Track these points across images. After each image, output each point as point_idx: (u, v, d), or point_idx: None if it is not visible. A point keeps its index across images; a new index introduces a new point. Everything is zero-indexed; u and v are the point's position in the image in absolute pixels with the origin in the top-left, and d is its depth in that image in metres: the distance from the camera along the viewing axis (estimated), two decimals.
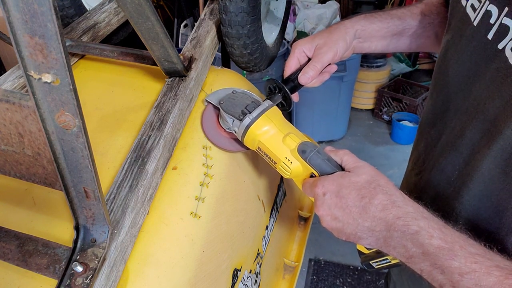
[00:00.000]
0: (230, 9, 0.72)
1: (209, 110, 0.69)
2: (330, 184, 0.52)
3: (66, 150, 0.39)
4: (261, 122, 0.60)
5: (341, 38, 0.71)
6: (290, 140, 0.58)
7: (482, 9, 0.51)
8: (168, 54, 0.65)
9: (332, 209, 0.51)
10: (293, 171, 0.58)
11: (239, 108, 0.62)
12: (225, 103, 0.64)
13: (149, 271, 0.51)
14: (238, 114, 0.62)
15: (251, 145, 0.62)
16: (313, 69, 0.69)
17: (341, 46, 0.70)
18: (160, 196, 0.58)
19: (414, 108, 2.83)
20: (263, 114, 0.60)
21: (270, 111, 0.62)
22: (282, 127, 0.60)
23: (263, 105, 0.62)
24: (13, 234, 0.49)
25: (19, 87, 0.70)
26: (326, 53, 0.69)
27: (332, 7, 2.65)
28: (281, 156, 0.58)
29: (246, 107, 0.62)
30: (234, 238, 0.67)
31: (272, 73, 2.64)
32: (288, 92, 0.69)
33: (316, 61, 0.69)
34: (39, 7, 0.30)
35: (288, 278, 0.96)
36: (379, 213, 0.48)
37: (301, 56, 0.72)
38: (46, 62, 0.33)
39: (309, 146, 0.57)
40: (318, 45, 0.71)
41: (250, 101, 0.64)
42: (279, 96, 0.69)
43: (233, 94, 0.66)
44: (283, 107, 0.71)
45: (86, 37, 0.85)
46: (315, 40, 0.71)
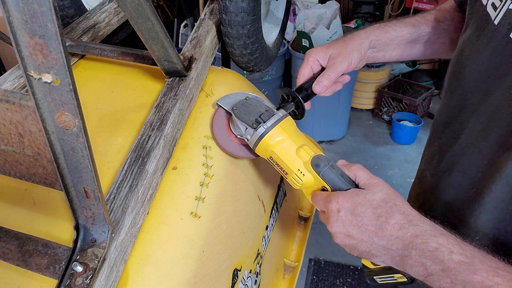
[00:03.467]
0: (230, 9, 0.72)
1: (219, 114, 0.69)
2: (345, 201, 0.51)
3: (66, 150, 0.39)
4: (275, 132, 0.59)
5: (356, 49, 0.71)
6: (304, 152, 0.58)
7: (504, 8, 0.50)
8: (168, 54, 0.65)
9: (347, 227, 0.50)
10: (305, 183, 0.58)
11: (252, 116, 0.61)
12: (238, 110, 0.63)
13: (149, 271, 0.51)
14: (252, 122, 0.61)
15: (263, 154, 0.61)
16: (328, 78, 0.69)
17: (355, 56, 0.70)
18: (160, 196, 0.58)
19: (414, 108, 2.83)
20: (277, 124, 0.59)
21: (285, 121, 0.61)
22: (296, 138, 0.60)
23: (277, 114, 0.61)
24: (13, 234, 0.49)
25: (19, 87, 0.70)
26: (340, 63, 0.69)
27: (332, 7, 2.65)
28: (294, 167, 0.58)
29: (260, 116, 0.61)
30: (234, 238, 0.67)
31: (272, 73, 2.64)
32: (301, 101, 0.68)
33: (331, 71, 0.69)
34: (39, 7, 0.30)
35: (288, 278, 0.96)
36: (396, 232, 0.48)
37: (315, 64, 0.72)
38: (46, 62, 0.33)
39: (323, 160, 0.56)
40: (332, 55, 0.70)
41: (264, 109, 0.62)
42: (292, 104, 0.69)
43: (247, 101, 0.65)
44: (295, 115, 0.71)
45: (86, 37, 0.85)
46: (330, 49, 0.71)
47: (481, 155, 0.56)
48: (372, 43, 0.73)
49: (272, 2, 1.01)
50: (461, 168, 0.61)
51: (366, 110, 3.20)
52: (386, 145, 2.81)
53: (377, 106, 3.09)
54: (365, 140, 2.88)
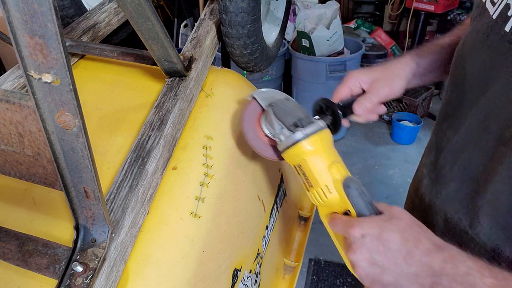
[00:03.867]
0: (230, 9, 0.72)
1: (252, 107, 0.65)
2: (370, 226, 0.49)
3: (66, 150, 0.39)
4: (313, 141, 0.56)
5: (398, 75, 0.71)
6: (336, 170, 0.55)
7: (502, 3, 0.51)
8: (168, 54, 0.65)
9: (372, 253, 0.47)
10: (328, 201, 0.55)
11: (291, 118, 0.58)
12: (276, 108, 0.60)
13: (149, 271, 0.51)
14: (290, 124, 0.57)
15: (291, 159, 0.58)
16: (370, 102, 0.68)
17: (397, 82, 0.70)
18: (160, 196, 0.58)
19: (414, 108, 2.83)
20: (316, 133, 0.56)
21: (324, 132, 0.58)
22: (330, 153, 0.57)
23: (317, 124, 0.58)
24: (13, 234, 0.49)
25: (19, 87, 0.70)
26: (383, 88, 0.69)
27: (332, 7, 2.65)
28: (322, 182, 0.55)
29: (299, 120, 0.58)
30: (234, 238, 0.67)
31: (272, 73, 2.64)
32: (340, 116, 0.66)
33: (374, 95, 0.69)
34: (39, 7, 0.30)
35: (288, 278, 0.96)
36: (425, 258, 0.45)
37: (355, 86, 0.71)
38: (46, 62, 0.33)
39: (355, 183, 0.54)
40: (375, 79, 0.70)
41: (304, 115, 0.60)
42: (329, 117, 0.66)
43: (286, 101, 0.63)
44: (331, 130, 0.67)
45: (86, 37, 0.85)
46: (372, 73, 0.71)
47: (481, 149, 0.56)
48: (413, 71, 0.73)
49: (272, 2, 1.01)
50: (462, 163, 0.61)
51: None
52: (386, 145, 2.81)
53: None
54: (365, 140, 2.88)
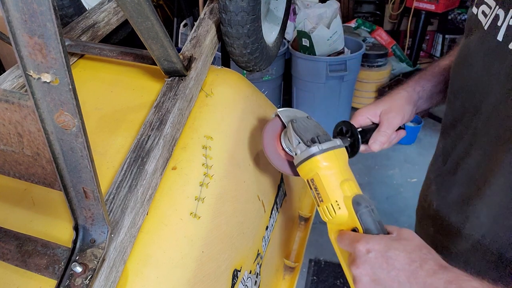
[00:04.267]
0: (230, 8, 0.72)
1: (275, 123, 0.68)
2: (377, 243, 0.49)
3: (65, 150, 0.39)
4: (328, 156, 0.58)
5: (406, 103, 0.72)
6: (348, 187, 0.56)
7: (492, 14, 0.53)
8: (168, 53, 0.65)
9: (375, 270, 0.47)
10: (337, 217, 0.56)
11: (309, 134, 0.61)
12: (297, 124, 0.63)
13: (148, 272, 0.51)
14: (307, 139, 0.60)
15: (305, 174, 0.60)
16: (384, 135, 0.70)
17: (407, 109, 0.72)
18: (160, 196, 0.58)
19: None
20: (332, 150, 0.59)
21: (339, 150, 0.60)
22: (344, 171, 0.59)
23: (334, 141, 0.60)
24: (13, 234, 0.49)
25: (18, 86, 0.69)
26: (394, 118, 0.70)
27: (333, 7, 2.65)
28: (332, 198, 0.56)
29: (317, 136, 0.60)
30: (234, 239, 0.67)
31: (272, 73, 2.64)
32: (359, 142, 0.68)
33: (386, 127, 0.70)
34: (38, 7, 0.30)
35: (288, 278, 0.96)
36: (430, 279, 0.45)
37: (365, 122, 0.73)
38: (45, 62, 0.33)
39: (365, 201, 0.55)
40: (383, 111, 0.72)
41: (322, 133, 0.63)
42: (348, 140, 0.69)
43: (307, 120, 0.65)
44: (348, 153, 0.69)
45: (85, 36, 0.85)
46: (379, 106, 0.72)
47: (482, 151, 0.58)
48: (420, 94, 0.74)
49: (272, 2, 1.01)
50: (465, 167, 0.62)
51: None
52: None
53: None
54: None
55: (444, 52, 3.48)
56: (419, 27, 3.11)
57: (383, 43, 3.18)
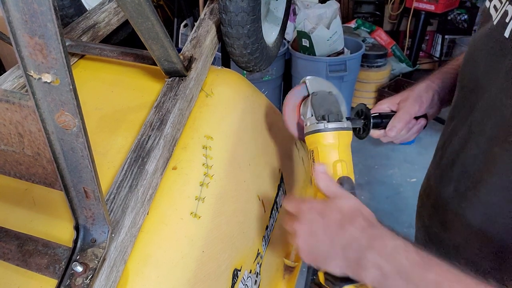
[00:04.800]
0: (230, 9, 0.72)
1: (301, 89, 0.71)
2: (317, 205, 0.54)
3: (66, 150, 0.39)
4: (330, 136, 0.62)
5: (423, 91, 0.73)
6: (339, 167, 0.61)
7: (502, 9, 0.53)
8: (168, 54, 0.65)
9: (313, 225, 0.52)
10: None
11: (323, 110, 0.64)
12: (316, 97, 0.66)
13: (149, 271, 0.51)
14: (318, 114, 0.64)
15: (309, 143, 0.65)
16: (400, 121, 0.71)
17: (425, 97, 0.72)
18: (160, 196, 0.58)
19: None
20: (336, 131, 0.62)
21: (344, 132, 0.63)
22: (343, 152, 0.63)
23: (342, 123, 0.63)
24: (13, 234, 0.49)
25: (19, 87, 0.70)
26: (412, 105, 0.71)
27: (332, 7, 2.65)
28: None
29: (328, 114, 0.63)
30: (234, 238, 0.67)
31: (272, 73, 2.64)
32: (370, 125, 0.71)
33: (403, 113, 0.71)
34: (39, 7, 0.30)
35: (288, 278, 0.96)
36: (357, 233, 0.49)
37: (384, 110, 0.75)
38: (46, 62, 0.33)
39: (348, 184, 0.60)
40: (402, 99, 0.73)
41: (336, 111, 0.65)
42: (361, 122, 0.72)
43: (328, 95, 0.67)
44: (358, 133, 0.74)
45: (86, 37, 0.85)
46: (397, 96, 0.74)
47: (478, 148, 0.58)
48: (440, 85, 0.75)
49: (272, 2, 1.01)
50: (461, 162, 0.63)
51: None
52: (386, 145, 2.80)
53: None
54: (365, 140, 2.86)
55: (443, 52, 3.48)
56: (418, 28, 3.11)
57: (382, 43, 3.18)
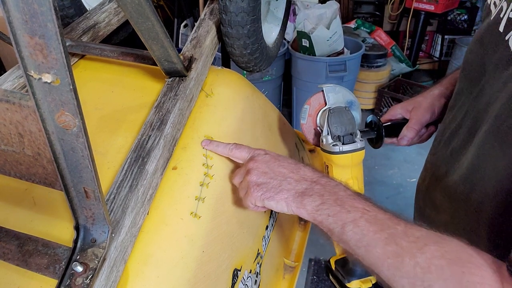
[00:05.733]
0: (230, 9, 0.72)
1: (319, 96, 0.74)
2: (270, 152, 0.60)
3: (66, 150, 0.39)
4: (344, 158, 0.66)
5: (437, 99, 0.75)
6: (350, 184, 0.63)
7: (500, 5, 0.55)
8: (168, 54, 0.65)
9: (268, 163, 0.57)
10: None
11: (339, 130, 0.68)
12: (333, 115, 0.68)
13: (149, 271, 0.51)
14: (335, 135, 0.67)
15: (324, 157, 0.69)
16: (412, 131, 0.73)
17: (437, 106, 0.75)
18: (160, 196, 0.58)
19: None
20: (351, 153, 0.66)
21: (358, 153, 0.67)
22: (355, 170, 0.67)
23: (355, 144, 0.67)
24: (13, 234, 0.49)
25: (19, 87, 0.70)
26: (423, 115, 0.73)
27: (332, 7, 2.65)
28: None
29: (344, 136, 0.67)
30: (234, 238, 0.67)
31: (272, 73, 2.64)
32: (383, 136, 0.74)
33: (414, 123, 0.73)
34: (39, 7, 0.30)
35: (288, 278, 0.96)
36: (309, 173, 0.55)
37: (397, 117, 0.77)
38: (46, 62, 0.33)
39: None
40: (414, 107, 0.75)
41: (351, 131, 0.68)
42: (374, 133, 0.76)
43: (345, 111, 0.70)
44: (371, 143, 0.78)
45: (86, 37, 0.85)
46: (411, 103, 0.76)
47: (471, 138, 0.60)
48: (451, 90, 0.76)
49: (272, 2, 1.01)
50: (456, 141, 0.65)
51: (366, 110, 3.20)
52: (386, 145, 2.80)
53: (377, 106, 3.08)
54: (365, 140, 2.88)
55: (443, 52, 3.48)
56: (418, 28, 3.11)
57: (382, 43, 3.18)
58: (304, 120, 0.75)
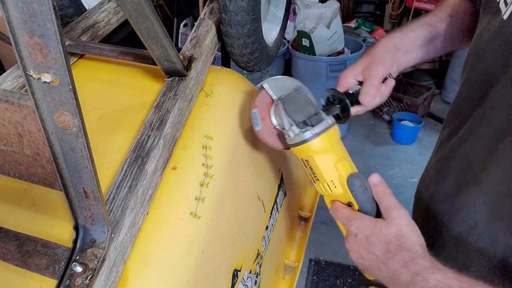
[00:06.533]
0: (230, 8, 0.72)
1: (262, 96, 0.66)
2: (363, 228, 0.55)
3: (66, 150, 0.39)
4: (321, 141, 0.57)
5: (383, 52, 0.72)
6: (342, 167, 0.58)
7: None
8: (168, 53, 0.65)
9: (361, 251, 0.55)
10: (333, 194, 0.59)
11: (301, 115, 0.59)
12: (288, 102, 0.61)
13: (148, 272, 0.51)
14: (299, 121, 0.59)
15: (299, 154, 0.60)
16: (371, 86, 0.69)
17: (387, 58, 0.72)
18: (160, 196, 0.58)
19: (415, 108, 2.83)
20: (324, 132, 0.58)
21: (332, 129, 0.59)
22: (338, 149, 0.59)
23: (326, 122, 0.58)
24: (13, 234, 0.49)
25: (18, 87, 0.70)
26: (376, 69, 0.70)
27: (332, 7, 2.65)
28: (328, 178, 0.58)
29: (309, 118, 0.59)
30: (234, 239, 0.67)
31: (272, 73, 2.64)
32: (348, 104, 0.67)
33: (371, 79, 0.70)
34: (38, 7, 0.30)
35: (288, 278, 0.96)
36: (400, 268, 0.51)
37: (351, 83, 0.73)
38: (45, 62, 0.33)
39: (359, 180, 0.57)
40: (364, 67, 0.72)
41: (314, 111, 0.60)
42: (338, 107, 0.68)
43: (297, 95, 0.62)
44: (339, 119, 0.70)
45: (86, 36, 0.85)
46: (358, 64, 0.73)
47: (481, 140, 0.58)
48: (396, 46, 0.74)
49: (272, 1, 1.01)
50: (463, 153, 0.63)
51: None
52: (386, 145, 2.80)
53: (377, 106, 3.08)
54: (366, 140, 2.88)
55: None
56: None
57: None
58: (259, 126, 0.65)
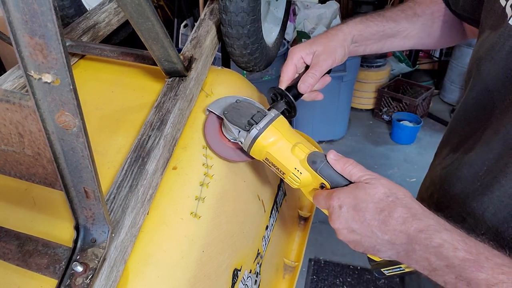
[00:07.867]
0: (230, 9, 0.72)
1: (211, 120, 0.68)
2: (346, 197, 0.51)
3: (66, 150, 0.39)
4: (269, 133, 0.58)
5: (339, 45, 0.71)
6: (299, 151, 0.57)
7: None
8: (168, 54, 0.65)
9: (350, 222, 0.50)
10: (302, 181, 0.57)
11: (244, 118, 0.61)
12: (229, 113, 0.62)
13: (149, 271, 0.51)
14: (244, 125, 0.60)
15: (258, 155, 0.61)
16: (313, 77, 0.69)
17: (339, 52, 0.71)
18: (160, 196, 0.58)
19: (414, 108, 2.84)
20: (270, 124, 0.59)
21: (277, 121, 0.60)
22: (290, 137, 0.59)
23: (269, 115, 0.60)
24: (13, 234, 0.49)
25: (19, 87, 0.70)
26: (325, 61, 0.69)
27: (332, 7, 2.65)
28: (290, 167, 0.57)
29: (252, 118, 0.60)
30: (234, 238, 0.67)
31: (272, 73, 2.64)
32: (291, 99, 0.68)
33: (315, 69, 0.69)
34: (39, 7, 0.30)
35: (288, 278, 0.96)
36: (400, 226, 0.47)
37: (299, 62, 0.72)
38: (46, 62, 0.33)
39: (319, 157, 0.56)
40: (316, 52, 0.70)
41: (256, 110, 0.62)
42: (283, 103, 0.69)
43: (237, 104, 0.64)
44: (289, 113, 0.71)
45: (86, 37, 0.85)
46: (313, 46, 0.71)
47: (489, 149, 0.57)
48: (354, 38, 0.73)
49: (272, 2, 1.01)
50: (468, 162, 0.61)
51: (366, 110, 3.21)
52: (385, 145, 2.81)
53: (377, 106, 3.09)
54: (365, 140, 2.88)
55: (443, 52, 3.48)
56: None
57: None
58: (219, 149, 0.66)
